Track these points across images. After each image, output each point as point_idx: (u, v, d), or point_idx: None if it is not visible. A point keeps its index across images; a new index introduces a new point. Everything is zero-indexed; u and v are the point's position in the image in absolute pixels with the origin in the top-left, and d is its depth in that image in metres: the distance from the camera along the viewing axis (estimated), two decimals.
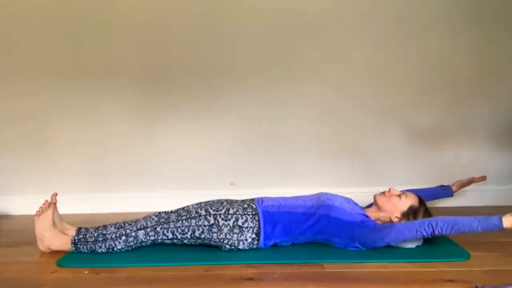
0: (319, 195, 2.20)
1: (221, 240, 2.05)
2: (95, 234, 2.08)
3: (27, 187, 3.02)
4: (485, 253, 2.03)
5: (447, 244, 2.14)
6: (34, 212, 2.17)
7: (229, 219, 2.05)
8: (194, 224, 2.06)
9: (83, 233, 2.11)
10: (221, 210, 2.08)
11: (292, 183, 2.97)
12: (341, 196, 2.21)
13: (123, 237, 2.05)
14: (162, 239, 2.08)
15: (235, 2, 2.93)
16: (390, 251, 2.03)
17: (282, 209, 2.11)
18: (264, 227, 2.06)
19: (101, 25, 2.95)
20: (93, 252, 2.07)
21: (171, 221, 2.07)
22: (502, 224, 1.83)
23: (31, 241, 2.17)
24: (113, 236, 2.06)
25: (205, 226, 2.05)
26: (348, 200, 2.21)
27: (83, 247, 2.08)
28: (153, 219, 2.10)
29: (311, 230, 2.09)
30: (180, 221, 2.07)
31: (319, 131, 3.01)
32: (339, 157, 3.02)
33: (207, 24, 2.94)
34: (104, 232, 2.08)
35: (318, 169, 3.02)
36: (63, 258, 2.03)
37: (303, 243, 2.15)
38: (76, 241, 2.08)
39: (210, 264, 1.93)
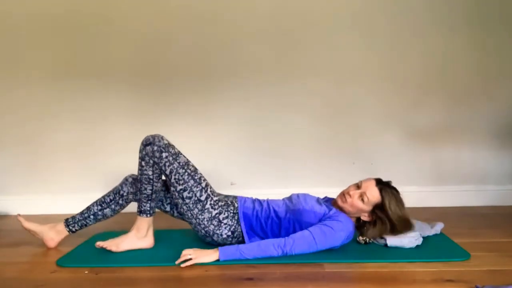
0: (291, 198, 2.19)
1: (198, 222, 2.06)
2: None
3: (27, 187, 3.03)
4: (485, 253, 2.02)
5: (447, 244, 2.14)
6: (34, 212, 2.19)
7: (215, 209, 2.06)
8: (191, 184, 2.04)
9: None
10: (215, 196, 2.09)
11: (292, 183, 2.97)
12: (313, 197, 2.19)
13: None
14: (149, 178, 2.05)
15: (236, 3, 2.94)
16: (390, 251, 2.03)
17: (259, 213, 2.10)
18: (245, 227, 2.08)
19: (101, 25, 2.95)
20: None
21: (180, 161, 2.03)
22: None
23: (31, 241, 2.17)
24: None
25: (195, 195, 2.04)
26: (319, 201, 2.17)
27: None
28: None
29: (285, 233, 2.07)
30: (183, 169, 2.03)
31: (319, 131, 3.01)
32: (339, 157, 3.02)
33: (207, 25, 2.95)
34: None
35: (318, 169, 3.02)
36: (63, 258, 2.03)
37: None
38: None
39: (210, 264, 1.92)
